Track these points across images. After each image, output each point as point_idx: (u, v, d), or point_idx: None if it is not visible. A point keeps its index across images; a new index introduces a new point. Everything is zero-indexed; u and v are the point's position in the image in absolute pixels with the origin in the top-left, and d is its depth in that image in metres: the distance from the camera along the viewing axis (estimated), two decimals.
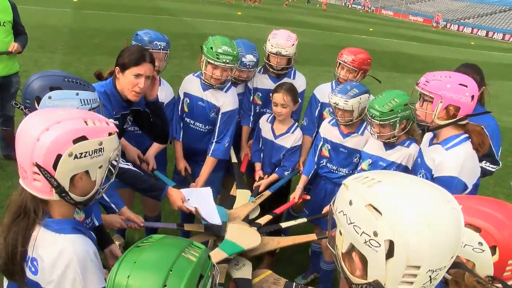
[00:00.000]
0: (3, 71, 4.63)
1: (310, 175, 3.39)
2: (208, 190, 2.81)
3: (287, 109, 3.33)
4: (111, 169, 1.52)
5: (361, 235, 1.07)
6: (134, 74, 2.51)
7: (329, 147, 3.31)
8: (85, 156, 1.38)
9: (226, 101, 3.24)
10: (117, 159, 1.54)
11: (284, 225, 3.00)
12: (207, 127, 3.33)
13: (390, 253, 1.04)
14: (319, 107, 3.73)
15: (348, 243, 1.14)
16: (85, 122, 1.39)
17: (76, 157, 1.36)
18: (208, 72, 3.10)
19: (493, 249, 1.32)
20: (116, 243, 3.45)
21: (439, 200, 1.07)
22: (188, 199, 2.64)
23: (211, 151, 3.29)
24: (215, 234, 2.68)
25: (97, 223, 2.16)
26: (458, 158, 2.28)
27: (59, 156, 1.34)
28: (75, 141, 1.35)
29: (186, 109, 3.33)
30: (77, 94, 1.87)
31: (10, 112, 4.93)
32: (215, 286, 1.24)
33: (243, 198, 3.11)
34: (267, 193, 3.25)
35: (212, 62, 3.02)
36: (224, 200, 3.29)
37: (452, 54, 21.87)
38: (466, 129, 2.37)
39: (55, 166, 1.35)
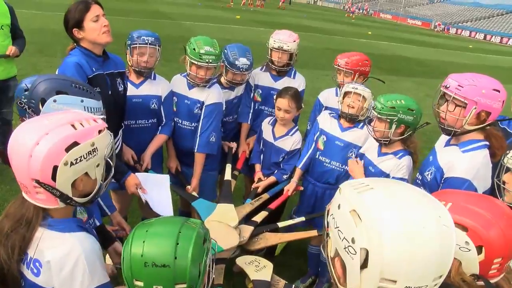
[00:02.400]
0: (1, 75, 4.61)
1: (304, 166, 3.41)
2: (166, 178, 2.82)
3: (290, 115, 3.36)
4: (109, 162, 1.52)
5: (342, 240, 1.05)
6: (93, 20, 2.57)
7: (325, 139, 3.31)
8: (80, 161, 1.37)
9: (210, 95, 3.29)
10: (112, 152, 1.53)
11: (281, 224, 3.00)
12: (193, 124, 3.36)
13: (364, 263, 1.00)
14: (323, 111, 3.75)
15: (334, 248, 1.12)
16: (73, 126, 1.38)
17: (72, 164, 1.35)
18: (193, 72, 3.18)
19: (479, 248, 1.33)
20: None
21: (429, 214, 1.01)
22: (144, 188, 2.71)
23: (196, 146, 3.31)
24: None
25: (98, 224, 2.19)
26: (474, 162, 2.21)
27: (55, 168, 1.33)
28: (68, 149, 1.34)
29: (174, 108, 3.38)
30: (82, 101, 1.88)
31: (8, 116, 4.91)
32: (213, 262, 1.40)
33: (222, 210, 2.95)
34: (266, 196, 3.26)
35: (196, 62, 3.10)
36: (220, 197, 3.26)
37: (450, 57, 21.95)
38: (486, 133, 2.30)
39: (54, 178, 1.34)
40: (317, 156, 3.36)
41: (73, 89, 1.89)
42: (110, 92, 2.71)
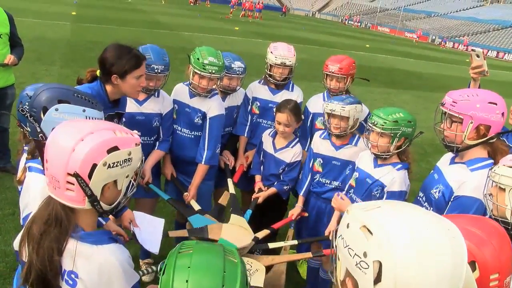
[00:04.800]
0: None
1: (306, 193, 3.40)
2: (161, 222, 2.83)
3: (290, 128, 3.36)
4: (132, 182, 1.56)
5: (353, 257, 1.05)
6: (136, 77, 2.58)
7: (322, 161, 3.30)
8: (116, 166, 1.43)
9: (212, 106, 3.29)
10: (139, 171, 1.59)
11: (272, 245, 2.93)
12: (193, 133, 3.37)
13: (378, 277, 0.99)
14: (310, 118, 3.78)
15: (344, 269, 1.11)
16: (114, 133, 1.45)
17: (109, 166, 1.41)
18: (195, 81, 3.18)
19: (472, 264, 1.31)
20: None
21: (437, 226, 1.02)
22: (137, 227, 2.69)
23: (204, 159, 3.29)
24: (199, 237, 2.75)
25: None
26: (484, 181, 2.11)
27: (94, 166, 1.38)
28: (109, 151, 1.40)
29: (174, 116, 3.38)
30: (84, 110, 1.87)
31: (5, 124, 4.89)
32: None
33: (235, 222, 2.99)
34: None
35: (199, 72, 3.12)
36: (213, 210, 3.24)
37: (447, 71, 22.09)
38: (493, 147, 2.28)
39: (90, 176, 1.39)
40: (318, 179, 3.35)
41: (75, 99, 1.88)
42: None
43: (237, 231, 2.83)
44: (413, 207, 1.12)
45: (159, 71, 3.06)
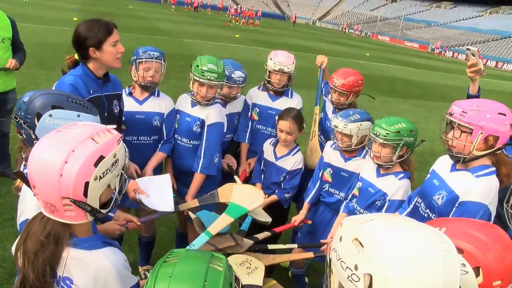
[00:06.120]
0: (0, 88, 4.62)
1: (312, 201, 3.40)
2: (167, 177, 2.80)
3: (292, 136, 3.37)
4: (123, 174, 1.55)
5: (345, 270, 1.05)
6: (112, 44, 2.61)
7: (331, 171, 3.30)
8: (107, 173, 1.41)
9: (210, 113, 3.27)
10: (127, 161, 1.57)
11: (271, 247, 2.93)
12: (191, 142, 3.34)
13: None
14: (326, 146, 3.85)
15: (337, 282, 1.11)
16: (94, 140, 1.39)
17: (100, 178, 1.39)
18: (195, 89, 3.19)
19: (476, 270, 1.32)
20: None
21: (430, 239, 1.02)
22: (145, 192, 2.69)
23: (200, 168, 3.25)
24: (211, 203, 2.80)
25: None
26: (490, 187, 2.18)
27: (87, 184, 1.36)
28: (96, 163, 1.37)
29: (176, 125, 3.39)
30: (79, 115, 1.86)
31: (6, 128, 4.90)
32: None
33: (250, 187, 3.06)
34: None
35: (197, 79, 3.12)
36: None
37: (447, 80, 22.14)
38: (497, 158, 2.27)
39: (85, 194, 1.37)
40: (327, 189, 3.35)
41: (69, 104, 1.87)
42: (106, 114, 2.72)
43: (248, 192, 2.83)
44: (405, 220, 1.13)
45: (155, 56, 3.11)
